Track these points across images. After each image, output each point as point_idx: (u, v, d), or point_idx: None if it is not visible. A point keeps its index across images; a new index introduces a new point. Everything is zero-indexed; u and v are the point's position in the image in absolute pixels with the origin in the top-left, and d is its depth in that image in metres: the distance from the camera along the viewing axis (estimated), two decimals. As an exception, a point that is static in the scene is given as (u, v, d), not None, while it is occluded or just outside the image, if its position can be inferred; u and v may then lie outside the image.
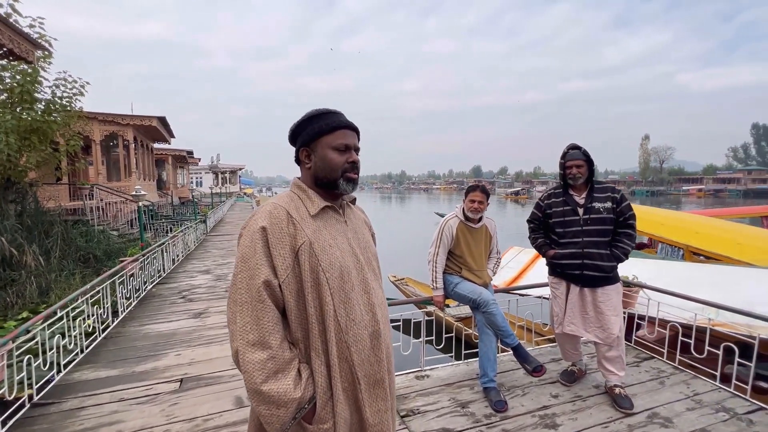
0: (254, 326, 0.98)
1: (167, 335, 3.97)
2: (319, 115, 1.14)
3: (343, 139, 1.11)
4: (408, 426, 2.35)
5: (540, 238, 2.82)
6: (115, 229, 10.81)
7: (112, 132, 13.04)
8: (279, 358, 0.99)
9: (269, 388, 0.96)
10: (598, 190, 2.59)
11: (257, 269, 1.00)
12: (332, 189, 1.13)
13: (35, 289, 6.95)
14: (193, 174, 39.55)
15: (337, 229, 1.12)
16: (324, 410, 1.03)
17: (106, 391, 2.83)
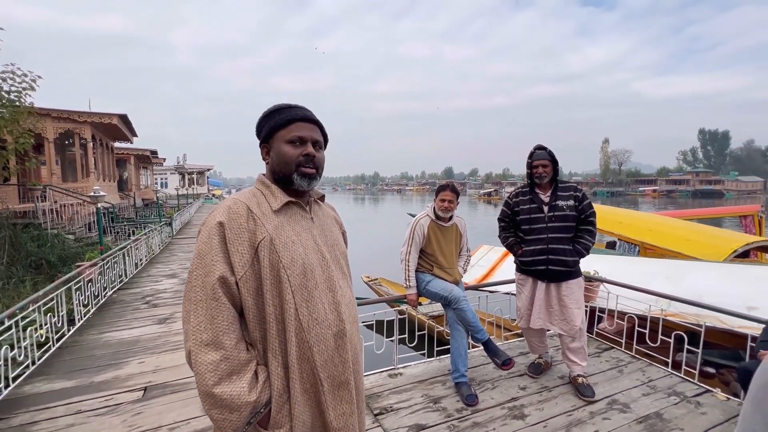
0: (208, 325, 0.95)
1: (130, 342, 3.77)
2: (276, 110, 1.11)
3: (297, 132, 1.08)
4: (381, 424, 2.37)
5: (510, 237, 2.92)
6: (71, 232, 10.17)
7: (67, 130, 12.25)
8: (233, 359, 0.95)
9: (221, 391, 0.93)
10: (561, 189, 2.72)
11: (212, 266, 0.97)
12: (288, 185, 1.10)
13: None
14: (158, 175, 37.86)
15: (302, 225, 1.10)
16: (280, 414, 1.01)
17: (61, 404, 2.66)
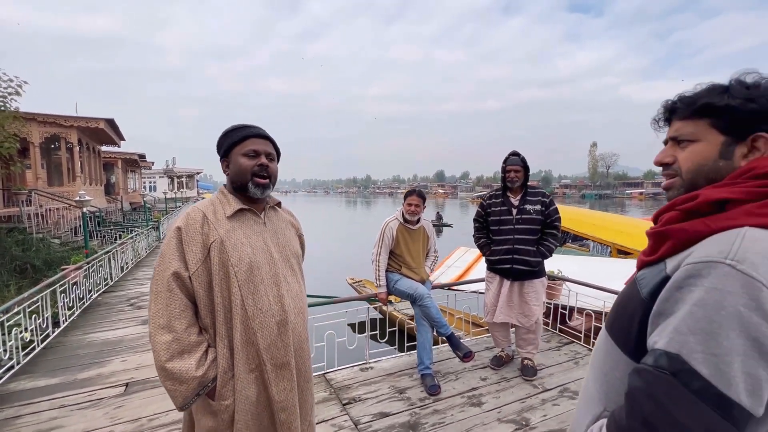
0: (164, 312, 1.14)
1: (113, 342, 3.90)
2: (234, 129, 1.30)
3: (251, 146, 1.26)
4: (348, 412, 2.55)
5: (483, 238, 3.13)
6: (57, 236, 10.17)
7: (53, 134, 12.23)
8: (183, 341, 1.14)
9: (172, 366, 1.11)
10: (530, 194, 2.94)
11: (169, 263, 1.16)
12: (244, 192, 1.28)
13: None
14: (146, 178, 37.53)
15: (254, 229, 1.28)
16: (224, 388, 1.19)
17: (44, 399, 2.79)
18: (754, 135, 0.68)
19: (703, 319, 0.57)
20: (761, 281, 0.55)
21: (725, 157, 0.71)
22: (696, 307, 0.58)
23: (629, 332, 0.70)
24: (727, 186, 0.68)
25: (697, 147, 0.73)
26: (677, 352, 0.57)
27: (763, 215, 0.63)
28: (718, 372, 0.54)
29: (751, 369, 0.54)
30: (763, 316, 0.54)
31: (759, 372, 0.54)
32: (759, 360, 0.54)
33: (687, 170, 0.75)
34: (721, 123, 0.71)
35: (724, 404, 0.54)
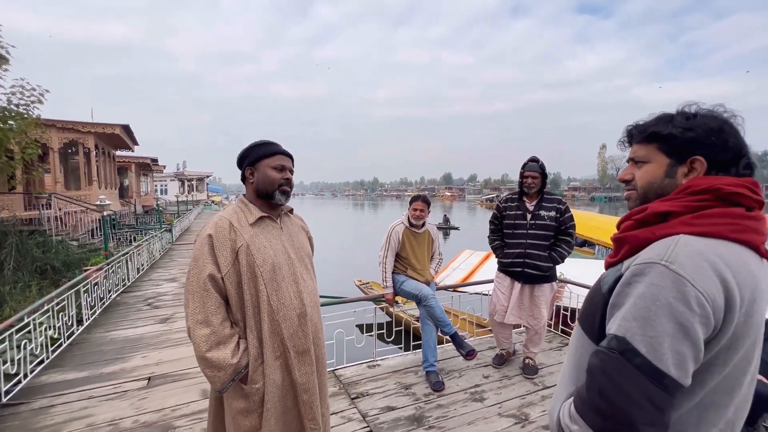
0: (201, 309, 1.31)
1: (134, 340, 4.12)
2: (262, 143, 1.49)
3: (280, 161, 1.46)
4: (357, 406, 2.70)
5: (497, 240, 3.22)
6: (75, 239, 10.51)
7: (71, 140, 12.66)
8: (219, 333, 1.31)
9: (211, 355, 1.29)
10: (546, 200, 3.02)
11: (204, 266, 1.33)
12: (270, 199, 1.46)
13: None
14: (158, 181, 38.23)
15: (273, 234, 1.46)
16: (255, 373, 1.36)
17: (74, 391, 3.00)
18: (692, 158, 0.83)
19: (643, 308, 0.72)
20: (687, 278, 0.70)
21: (670, 176, 0.85)
22: (638, 299, 0.73)
23: (594, 323, 0.85)
24: (669, 200, 0.83)
25: (649, 167, 0.88)
26: (623, 335, 0.72)
27: (695, 225, 0.78)
28: (653, 350, 0.69)
29: (678, 347, 0.69)
30: (687, 305, 0.69)
31: (684, 349, 0.69)
32: (684, 340, 0.69)
33: (641, 186, 0.90)
34: (666, 147, 0.86)
35: (658, 375, 0.68)
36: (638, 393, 0.69)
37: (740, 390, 0.77)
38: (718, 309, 0.70)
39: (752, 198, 0.80)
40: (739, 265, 0.73)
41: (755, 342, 0.76)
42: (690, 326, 0.68)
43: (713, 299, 0.69)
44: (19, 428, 2.52)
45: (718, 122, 0.83)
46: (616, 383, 0.71)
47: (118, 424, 2.55)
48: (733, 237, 0.76)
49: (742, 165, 0.82)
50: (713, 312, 0.69)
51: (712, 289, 0.70)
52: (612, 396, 0.71)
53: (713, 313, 0.69)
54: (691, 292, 0.69)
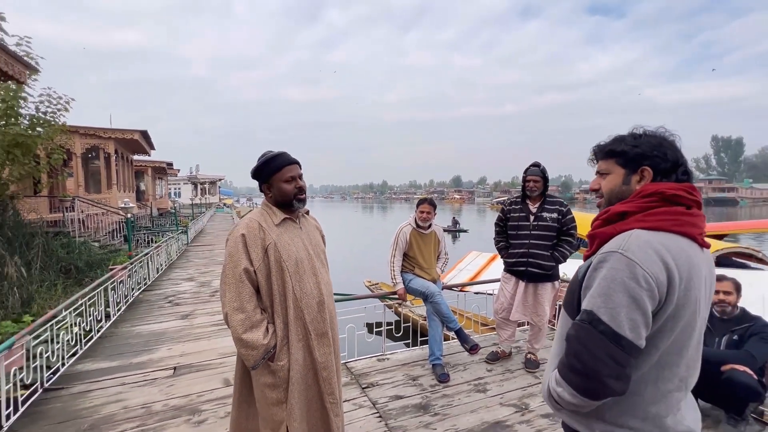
0: (237, 297, 1.52)
1: (158, 333, 4.39)
2: (270, 158, 1.66)
3: (289, 173, 1.64)
4: (367, 395, 2.90)
5: (502, 241, 3.42)
6: (96, 240, 10.94)
7: (93, 145, 13.18)
8: (252, 318, 1.52)
9: (246, 337, 1.50)
10: (549, 203, 3.20)
11: (239, 261, 1.54)
12: (289, 207, 1.68)
13: (17, 300, 7.10)
14: (172, 185, 39.09)
15: (294, 233, 1.68)
16: (281, 352, 1.58)
17: (108, 378, 3.27)
18: (641, 168, 1.04)
19: (605, 287, 0.93)
20: (637, 262, 0.91)
21: (626, 184, 1.07)
22: (602, 280, 0.94)
23: (573, 305, 1.05)
24: (626, 203, 1.04)
25: (610, 177, 1.10)
26: (591, 309, 0.93)
27: (645, 221, 0.98)
28: (613, 318, 0.89)
29: (632, 315, 0.89)
30: (637, 283, 0.90)
31: (636, 317, 0.89)
32: (636, 309, 0.89)
33: (606, 193, 1.11)
34: (621, 161, 1.07)
35: (617, 338, 0.89)
36: (603, 353, 0.89)
37: (688, 351, 0.98)
38: (662, 285, 0.90)
39: (689, 199, 1.01)
40: (678, 251, 0.94)
41: (695, 312, 0.96)
42: (640, 299, 0.89)
43: (657, 277, 0.90)
44: (61, 410, 2.79)
45: (658, 139, 1.06)
46: (586, 346, 0.91)
47: (150, 407, 2.79)
48: (674, 229, 0.97)
49: (680, 172, 1.04)
50: (657, 287, 0.90)
51: (656, 270, 0.90)
52: (583, 357, 0.91)
53: (657, 288, 0.90)
54: (640, 273, 0.89)
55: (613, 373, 0.88)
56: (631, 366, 0.90)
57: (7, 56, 5.46)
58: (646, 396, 0.96)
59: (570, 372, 0.94)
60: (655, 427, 0.95)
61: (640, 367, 0.95)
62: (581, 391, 0.93)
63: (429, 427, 2.50)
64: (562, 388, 0.97)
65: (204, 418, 2.65)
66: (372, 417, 2.62)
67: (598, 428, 0.98)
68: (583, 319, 0.93)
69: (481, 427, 2.51)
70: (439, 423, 2.55)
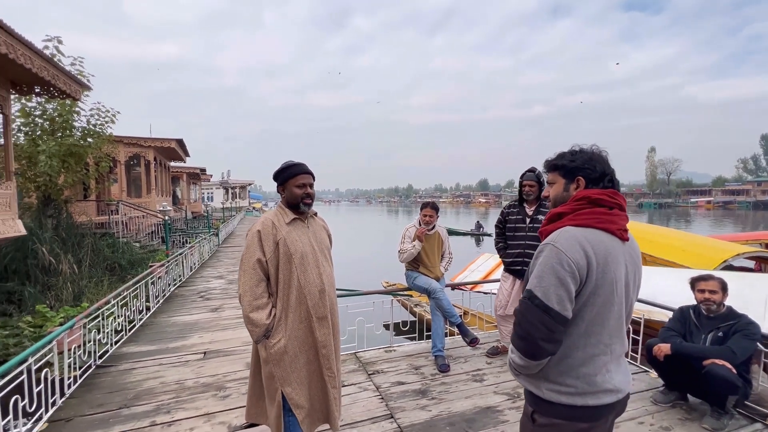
0: (249, 282, 1.84)
1: (191, 324, 4.88)
2: (288, 167, 2.00)
3: (302, 180, 1.97)
4: (372, 380, 3.20)
5: (501, 242, 3.65)
6: (137, 241, 11.86)
7: (135, 153, 14.27)
8: (259, 301, 1.84)
9: (252, 316, 1.82)
10: (544, 206, 3.39)
11: (254, 253, 1.87)
12: (297, 209, 2.00)
13: (70, 293, 7.90)
14: (205, 189, 40.99)
15: (302, 231, 1.99)
16: (276, 332, 1.86)
17: (148, 359, 3.74)
18: (576, 177, 1.30)
19: (540, 271, 1.20)
20: (563, 251, 1.17)
21: (566, 190, 1.34)
22: (539, 266, 1.21)
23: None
24: (564, 205, 1.31)
25: (555, 186, 1.37)
26: (530, 288, 1.21)
27: (574, 219, 1.25)
28: (544, 294, 1.16)
29: (558, 292, 1.15)
30: (562, 267, 1.16)
31: (562, 293, 1.15)
32: (561, 287, 1.15)
33: (552, 198, 1.39)
34: (562, 173, 1.35)
35: (547, 309, 1.15)
36: (536, 320, 1.16)
37: (609, 322, 1.22)
38: (582, 268, 1.16)
39: (611, 202, 1.26)
40: (597, 242, 1.20)
41: (612, 291, 1.21)
42: (564, 279, 1.15)
43: (578, 263, 1.16)
44: (110, 383, 3.25)
45: (590, 155, 1.33)
46: (525, 316, 1.19)
47: (183, 383, 3.21)
48: (595, 225, 1.23)
49: (606, 180, 1.30)
50: (578, 270, 1.16)
51: (578, 257, 1.17)
52: (524, 325, 1.19)
53: (578, 271, 1.16)
54: (564, 259, 1.16)
55: (545, 337, 1.15)
56: (560, 332, 1.16)
57: (65, 77, 6.17)
58: (576, 359, 1.21)
59: (516, 338, 1.22)
60: (587, 384, 1.20)
61: (570, 334, 1.20)
62: (523, 351, 1.20)
63: (425, 409, 2.76)
64: (513, 354, 1.26)
65: (228, 393, 3.04)
66: (375, 398, 2.91)
67: (544, 387, 1.23)
68: (525, 296, 1.21)
69: (473, 411, 2.74)
70: (435, 406, 2.80)
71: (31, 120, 9.17)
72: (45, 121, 9.33)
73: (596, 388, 1.20)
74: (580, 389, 1.19)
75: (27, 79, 5.87)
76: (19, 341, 5.25)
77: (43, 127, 9.32)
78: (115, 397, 2.99)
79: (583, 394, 1.19)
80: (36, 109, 9.18)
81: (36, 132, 9.26)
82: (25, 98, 8.55)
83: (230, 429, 2.55)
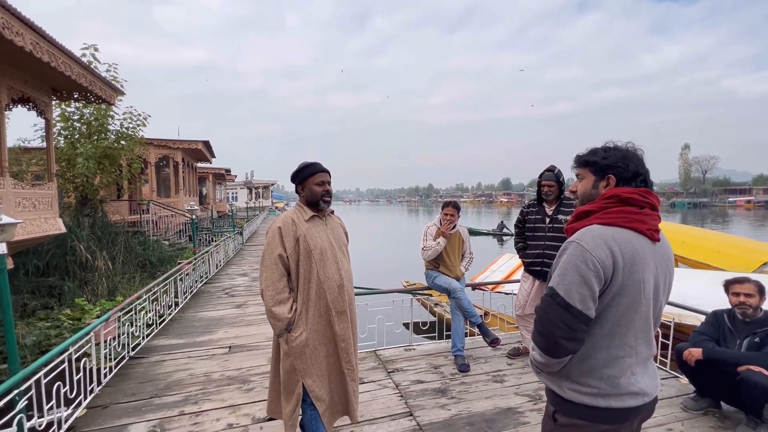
0: (271, 277, 1.90)
1: (216, 319, 5.05)
2: (307, 166, 2.05)
3: (320, 178, 2.02)
4: (392, 378, 3.22)
5: (520, 242, 3.61)
6: (166, 239, 12.34)
7: (164, 155, 14.85)
8: (281, 295, 1.90)
9: (275, 310, 1.88)
10: (564, 205, 3.35)
11: (275, 248, 1.93)
12: (316, 206, 2.04)
13: (105, 288, 8.31)
14: (229, 189, 42.12)
15: (320, 228, 2.04)
16: (297, 326, 1.91)
17: (177, 352, 3.90)
18: (607, 175, 1.27)
19: (563, 269, 1.18)
20: (588, 249, 1.15)
21: (595, 188, 1.30)
22: (562, 263, 1.20)
23: None
24: (591, 203, 1.28)
25: (584, 182, 1.33)
26: (552, 286, 1.19)
27: (602, 218, 1.22)
28: (567, 292, 1.15)
29: (581, 290, 1.13)
30: (586, 265, 1.14)
31: (584, 292, 1.13)
32: (584, 286, 1.13)
33: (580, 195, 1.35)
34: (593, 169, 1.31)
35: (569, 307, 1.14)
36: (558, 318, 1.15)
37: (635, 324, 1.19)
38: (607, 268, 1.14)
39: (642, 201, 1.22)
40: (624, 242, 1.17)
41: (639, 291, 1.17)
42: (587, 278, 1.13)
43: (603, 262, 1.14)
44: (142, 373, 3.42)
45: (624, 153, 1.28)
46: (546, 314, 1.18)
47: (210, 376, 3.34)
48: (624, 224, 1.20)
49: (639, 180, 1.26)
50: (603, 270, 1.14)
51: (603, 256, 1.14)
52: (544, 322, 1.18)
53: (603, 270, 1.14)
54: (589, 258, 1.14)
55: (566, 335, 1.13)
56: (581, 330, 1.14)
57: (102, 83, 6.50)
58: (599, 360, 1.19)
59: (537, 335, 1.21)
60: (610, 386, 1.18)
61: (593, 334, 1.18)
62: (543, 349, 1.19)
63: (444, 408, 2.76)
64: (534, 352, 1.24)
65: (252, 387, 3.13)
66: (394, 396, 2.93)
67: (566, 386, 1.21)
68: (547, 293, 1.19)
69: (493, 411, 2.72)
70: (454, 405, 2.79)
71: (70, 124, 9.72)
72: (82, 125, 9.85)
73: (620, 390, 1.17)
74: (602, 390, 1.17)
75: (66, 86, 6.22)
76: (59, 332, 5.59)
77: (80, 130, 9.86)
78: (147, 387, 3.14)
79: (606, 395, 1.17)
80: (74, 114, 9.72)
81: (74, 135, 9.80)
82: (64, 104, 9.08)
83: (254, 421, 2.64)
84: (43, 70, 5.18)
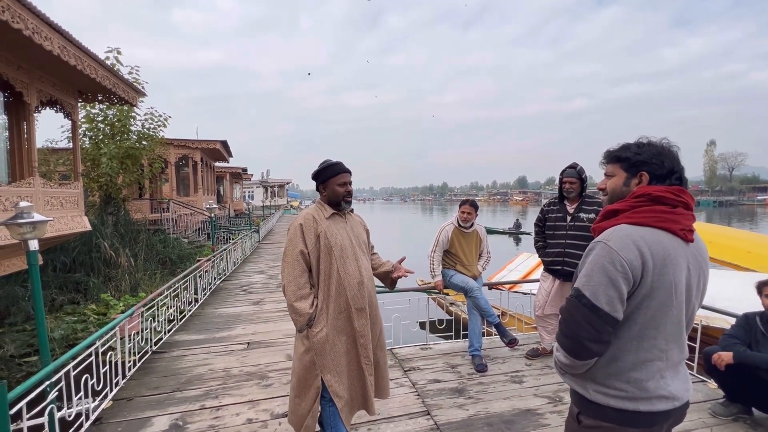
0: (292, 272, 1.92)
1: (235, 315, 5.13)
2: (330, 165, 2.06)
3: (343, 179, 2.04)
4: (408, 376, 3.21)
5: (540, 241, 3.54)
6: (186, 237, 12.63)
7: (183, 154, 15.18)
8: (303, 290, 1.91)
9: (296, 305, 1.89)
10: (586, 203, 3.26)
11: (297, 245, 1.95)
12: (337, 205, 2.05)
13: (128, 284, 8.56)
14: (246, 188, 42.77)
15: (341, 225, 2.05)
16: (318, 321, 1.92)
17: (197, 347, 3.98)
18: (640, 172, 1.22)
19: (590, 269, 1.15)
20: (615, 250, 1.11)
21: (626, 185, 1.25)
22: (588, 263, 1.16)
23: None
24: (621, 201, 1.23)
25: (614, 179, 1.28)
26: (578, 287, 1.16)
27: (631, 217, 1.17)
28: (593, 294, 1.11)
29: (608, 292, 1.10)
30: (614, 266, 1.10)
31: (612, 293, 1.10)
32: (611, 287, 1.10)
33: (609, 192, 1.30)
34: (624, 166, 1.25)
35: (595, 309, 1.11)
36: (583, 320, 1.12)
37: (665, 327, 1.15)
38: (636, 269, 1.10)
39: (675, 199, 1.17)
40: (654, 242, 1.12)
41: (671, 294, 1.13)
42: (615, 279, 1.09)
43: (631, 263, 1.10)
44: (164, 368, 3.50)
45: (659, 149, 1.22)
46: (572, 315, 1.15)
47: (229, 371, 3.40)
48: (654, 224, 1.15)
49: (674, 178, 1.20)
50: (631, 271, 1.10)
51: (632, 257, 1.10)
52: (570, 324, 1.15)
53: (631, 272, 1.10)
54: (617, 258, 1.10)
55: (591, 337, 1.10)
56: (607, 333, 1.11)
57: (125, 86, 6.69)
58: (627, 363, 1.15)
59: (562, 336, 1.18)
60: (637, 389, 1.14)
61: (621, 337, 1.14)
62: (568, 350, 1.16)
63: (462, 408, 2.73)
64: (558, 353, 1.21)
65: (270, 383, 3.17)
66: (411, 394, 2.92)
67: (591, 388, 1.18)
68: (572, 294, 1.16)
69: (512, 412, 2.68)
70: (472, 405, 2.77)
71: (94, 125, 10.03)
72: (106, 126, 10.16)
73: (648, 393, 1.13)
74: (630, 394, 1.13)
75: (91, 88, 6.42)
76: (85, 327, 5.80)
77: (104, 131, 10.16)
78: (169, 381, 3.21)
79: (633, 399, 1.13)
80: (98, 115, 10.03)
81: (98, 136, 10.11)
82: (89, 105, 9.37)
83: (272, 416, 2.67)
84: (70, 73, 5.35)
